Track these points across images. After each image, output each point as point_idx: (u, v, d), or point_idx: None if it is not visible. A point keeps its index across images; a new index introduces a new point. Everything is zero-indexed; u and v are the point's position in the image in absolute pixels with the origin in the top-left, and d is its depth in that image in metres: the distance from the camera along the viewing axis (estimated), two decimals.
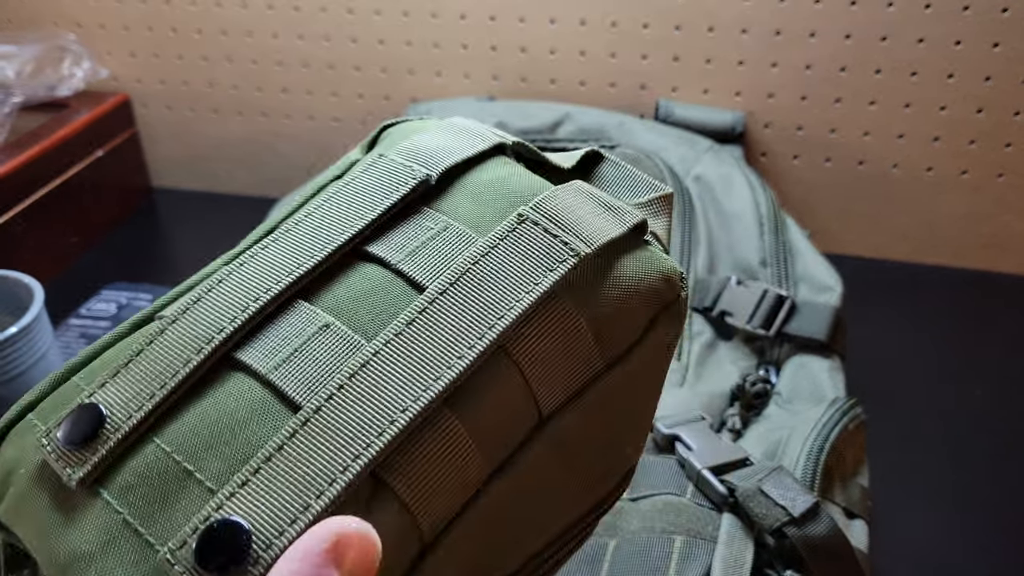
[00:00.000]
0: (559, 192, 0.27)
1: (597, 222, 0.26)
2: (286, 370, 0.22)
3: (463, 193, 0.27)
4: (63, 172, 0.72)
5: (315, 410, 0.21)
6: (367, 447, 0.21)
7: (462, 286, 0.24)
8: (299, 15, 0.74)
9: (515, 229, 0.25)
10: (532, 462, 0.24)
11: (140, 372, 0.23)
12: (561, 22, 0.69)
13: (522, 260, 0.25)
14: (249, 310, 0.23)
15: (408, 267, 0.24)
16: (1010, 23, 0.61)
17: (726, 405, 0.49)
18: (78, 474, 0.21)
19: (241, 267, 0.24)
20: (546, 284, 0.24)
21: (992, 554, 0.47)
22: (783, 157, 0.71)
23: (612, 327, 0.26)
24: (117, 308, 0.66)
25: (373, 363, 0.22)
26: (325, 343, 0.23)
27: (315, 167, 0.81)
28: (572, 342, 0.25)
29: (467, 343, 0.23)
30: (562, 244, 0.25)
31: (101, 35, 0.79)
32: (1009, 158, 0.66)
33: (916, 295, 0.68)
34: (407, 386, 0.22)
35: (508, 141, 0.29)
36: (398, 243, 0.25)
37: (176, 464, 0.21)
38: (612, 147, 0.61)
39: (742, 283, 0.53)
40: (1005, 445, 0.54)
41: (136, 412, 0.22)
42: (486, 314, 0.23)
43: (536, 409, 0.24)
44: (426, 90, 0.74)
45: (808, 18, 0.64)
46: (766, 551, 0.38)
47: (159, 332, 0.23)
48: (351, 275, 0.25)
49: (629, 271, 0.26)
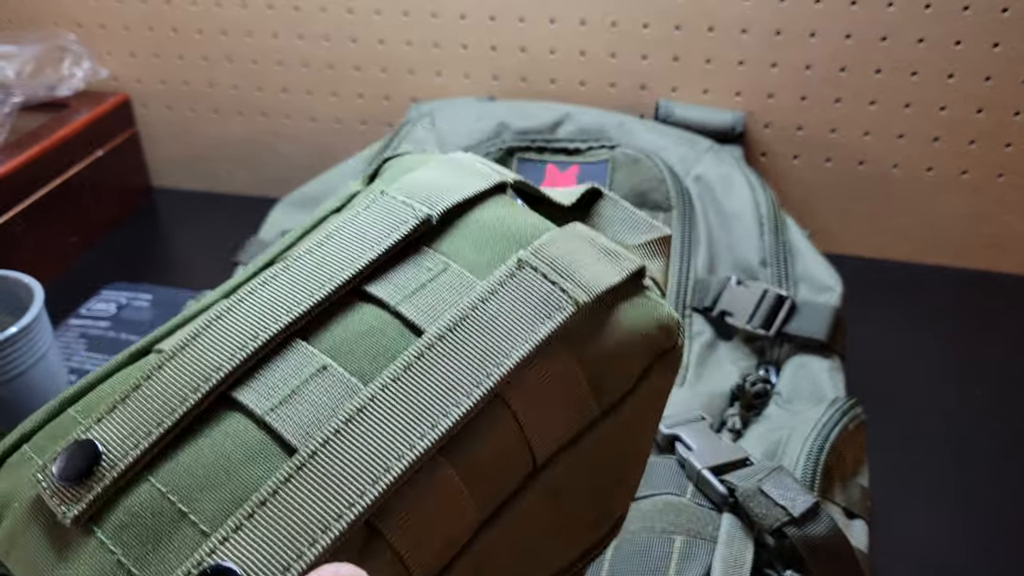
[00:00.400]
0: (558, 237, 0.26)
1: (596, 268, 0.26)
2: (283, 412, 0.22)
3: (463, 233, 0.27)
4: (63, 172, 0.72)
5: (310, 455, 0.21)
6: (361, 495, 0.21)
7: (460, 332, 0.24)
8: (299, 15, 0.74)
9: (514, 275, 0.25)
10: (525, 510, 0.24)
11: (137, 408, 0.22)
12: (561, 22, 0.69)
13: (520, 307, 0.24)
14: (247, 349, 0.23)
15: (407, 309, 0.24)
16: (1010, 23, 0.61)
17: (726, 405, 0.49)
18: (72, 512, 0.21)
19: (240, 303, 0.24)
20: (544, 332, 0.24)
21: (992, 554, 0.47)
22: (783, 157, 0.71)
23: (608, 375, 0.26)
24: (117, 308, 0.66)
25: (369, 408, 0.22)
26: (322, 386, 0.23)
27: (315, 167, 0.81)
28: (568, 390, 0.25)
29: (463, 390, 0.23)
30: (560, 291, 0.25)
31: (101, 35, 0.79)
32: (1009, 158, 0.66)
33: (916, 295, 0.68)
34: (403, 433, 0.22)
35: (509, 179, 0.29)
36: (398, 284, 0.25)
37: (171, 504, 0.21)
38: (612, 147, 0.61)
39: (742, 283, 0.53)
40: (1005, 445, 0.54)
41: (132, 450, 0.22)
42: (483, 361, 0.23)
43: (531, 457, 0.24)
44: (426, 90, 0.74)
45: (808, 18, 0.64)
46: (766, 551, 0.38)
47: (157, 367, 0.23)
48: (350, 315, 0.24)
49: (627, 319, 0.26)
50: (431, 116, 0.65)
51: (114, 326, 0.64)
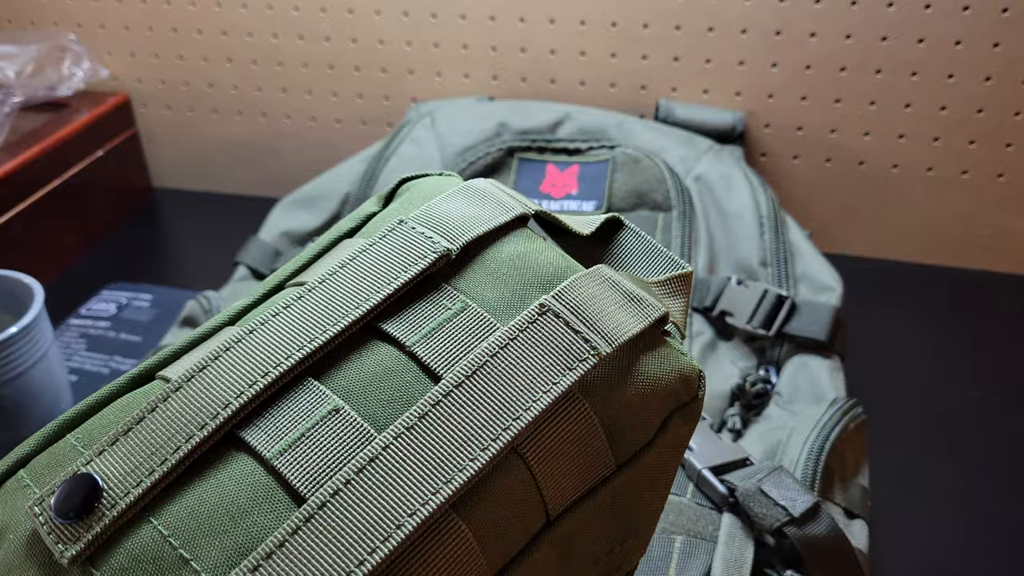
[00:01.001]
0: (582, 281, 0.26)
1: (619, 315, 0.25)
2: (291, 456, 0.21)
3: (483, 270, 0.26)
4: (63, 172, 0.72)
5: (319, 505, 0.20)
6: (372, 552, 0.20)
7: (478, 381, 0.23)
8: (299, 15, 0.74)
9: (536, 321, 0.24)
10: (535, 566, 0.24)
11: (140, 443, 0.21)
12: (561, 22, 0.69)
13: (541, 356, 0.24)
14: (256, 385, 0.22)
15: (423, 351, 0.24)
16: (1010, 23, 0.61)
17: (726, 405, 0.49)
18: (70, 552, 0.20)
19: (250, 335, 0.23)
20: (564, 384, 0.23)
21: (992, 554, 0.47)
22: (783, 157, 0.71)
23: (626, 428, 0.25)
24: (117, 308, 0.66)
25: (382, 459, 0.21)
26: (333, 430, 0.22)
27: (315, 167, 0.81)
28: (585, 443, 0.24)
29: (480, 444, 0.22)
30: (583, 341, 0.24)
31: (101, 35, 0.79)
32: (1009, 158, 0.66)
33: (916, 295, 0.68)
34: (416, 488, 0.21)
35: (530, 210, 0.28)
36: (414, 322, 0.24)
37: (172, 549, 0.20)
38: (612, 147, 0.61)
39: (742, 283, 0.53)
40: (1005, 445, 0.54)
41: (134, 488, 0.21)
42: (501, 413, 0.22)
43: (544, 511, 0.24)
44: (426, 90, 0.74)
45: (808, 18, 0.64)
46: (766, 551, 0.38)
47: (162, 399, 0.22)
48: (364, 354, 0.24)
49: (648, 370, 0.25)
50: (431, 116, 0.65)
51: (114, 326, 0.64)
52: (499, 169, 0.62)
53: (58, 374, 0.49)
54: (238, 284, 0.60)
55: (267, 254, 0.61)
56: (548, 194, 0.60)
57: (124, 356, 0.60)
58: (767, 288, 0.52)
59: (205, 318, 0.53)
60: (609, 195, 0.59)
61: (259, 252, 0.61)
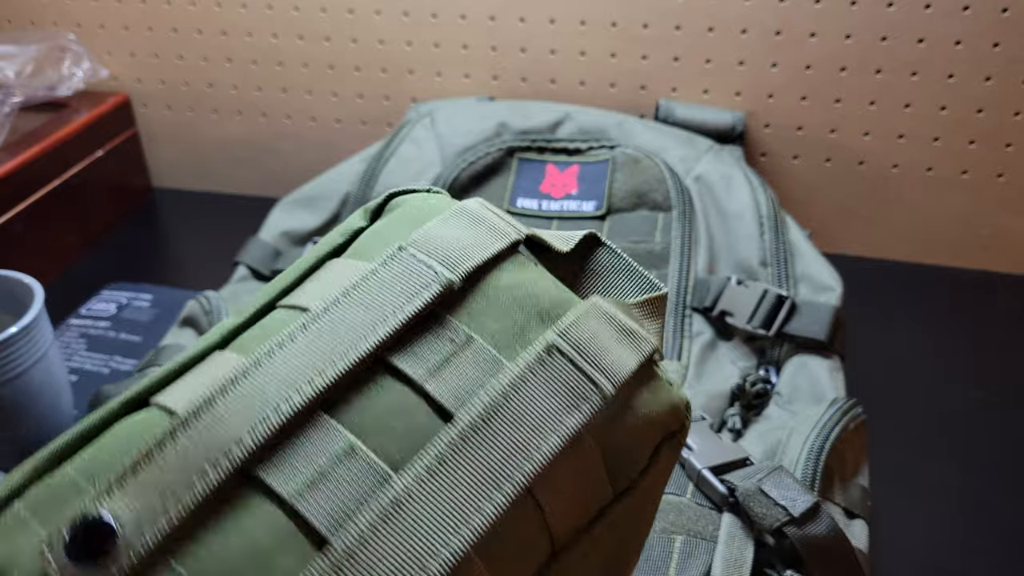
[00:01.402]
0: (583, 317, 0.26)
1: (617, 351, 0.26)
2: (311, 498, 0.21)
3: (484, 300, 0.26)
4: (63, 172, 0.72)
5: (348, 554, 0.20)
6: None
7: (493, 423, 0.23)
8: (299, 15, 0.74)
9: (544, 361, 0.25)
10: None
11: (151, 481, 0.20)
12: (561, 22, 0.69)
13: (550, 397, 0.24)
14: (269, 421, 0.22)
15: (433, 389, 0.24)
16: (1010, 23, 0.61)
17: (726, 405, 0.49)
18: None
19: (257, 367, 0.23)
20: (572, 424, 0.24)
21: (992, 554, 0.47)
22: (783, 157, 0.71)
23: (623, 459, 0.26)
24: (117, 308, 0.66)
25: (406, 503, 0.21)
26: (351, 471, 0.22)
27: (315, 167, 0.81)
28: (588, 476, 0.25)
29: (495, 484, 0.22)
30: (589, 382, 0.25)
31: (101, 35, 0.79)
32: (1009, 158, 0.66)
33: (916, 295, 0.68)
34: (441, 532, 0.21)
35: (520, 235, 0.28)
36: (421, 356, 0.24)
37: None
38: (612, 147, 0.61)
39: (742, 283, 0.53)
40: (1005, 445, 0.54)
41: (149, 527, 0.20)
42: (515, 454, 0.23)
43: (550, 544, 0.24)
44: (426, 90, 0.74)
45: (808, 18, 0.64)
46: (766, 551, 0.38)
47: (170, 434, 0.21)
48: (373, 390, 0.24)
49: (641, 403, 0.27)
50: (431, 116, 0.65)
51: (114, 326, 0.64)
52: (499, 169, 0.62)
53: (58, 374, 0.49)
54: (238, 284, 0.60)
55: (267, 254, 0.61)
56: (548, 194, 0.60)
57: (124, 356, 0.60)
58: (767, 288, 0.52)
59: (205, 318, 0.53)
60: (609, 195, 0.59)
61: (259, 252, 0.61)
